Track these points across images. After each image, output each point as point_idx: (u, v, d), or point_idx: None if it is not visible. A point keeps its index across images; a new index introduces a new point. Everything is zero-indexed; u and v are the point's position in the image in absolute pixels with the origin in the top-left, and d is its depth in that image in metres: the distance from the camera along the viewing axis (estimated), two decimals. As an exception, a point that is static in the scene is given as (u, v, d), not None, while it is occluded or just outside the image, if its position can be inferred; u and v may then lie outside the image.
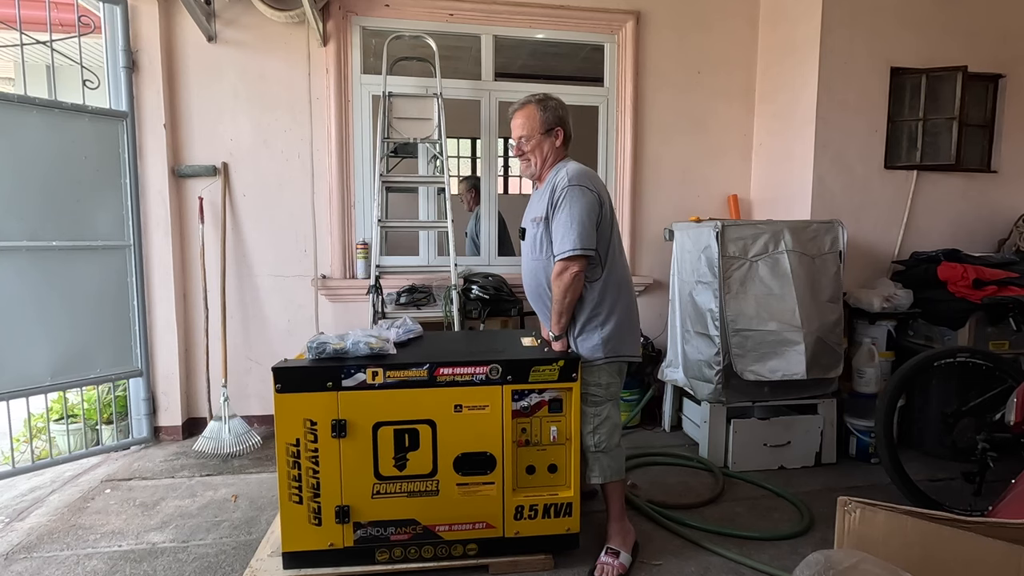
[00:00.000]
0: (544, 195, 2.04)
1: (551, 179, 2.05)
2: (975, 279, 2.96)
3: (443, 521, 1.97)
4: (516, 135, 2.10)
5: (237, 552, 2.16)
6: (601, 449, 2.05)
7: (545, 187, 2.06)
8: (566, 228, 1.92)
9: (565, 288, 1.95)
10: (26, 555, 2.15)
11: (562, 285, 1.95)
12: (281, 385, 1.85)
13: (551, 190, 1.99)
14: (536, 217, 2.06)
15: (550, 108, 2.08)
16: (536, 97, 2.10)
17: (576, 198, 1.94)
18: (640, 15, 3.62)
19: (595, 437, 2.05)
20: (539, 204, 2.07)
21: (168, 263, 3.22)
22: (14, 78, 4.81)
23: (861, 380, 3.05)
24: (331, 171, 3.40)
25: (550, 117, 2.07)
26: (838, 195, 3.33)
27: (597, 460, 2.06)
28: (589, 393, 2.05)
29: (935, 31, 3.34)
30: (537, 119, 2.06)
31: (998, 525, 1.14)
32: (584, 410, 2.04)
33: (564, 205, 1.94)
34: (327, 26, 3.33)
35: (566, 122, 2.10)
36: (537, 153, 2.09)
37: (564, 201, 1.94)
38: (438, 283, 3.36)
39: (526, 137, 2.07)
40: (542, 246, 2.04)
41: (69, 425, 3.06)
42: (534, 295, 2.15)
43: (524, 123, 2.08)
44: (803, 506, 2.47)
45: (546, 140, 2.07)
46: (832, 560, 1.04)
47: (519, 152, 2.12)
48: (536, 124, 2.06)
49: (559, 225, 1.94)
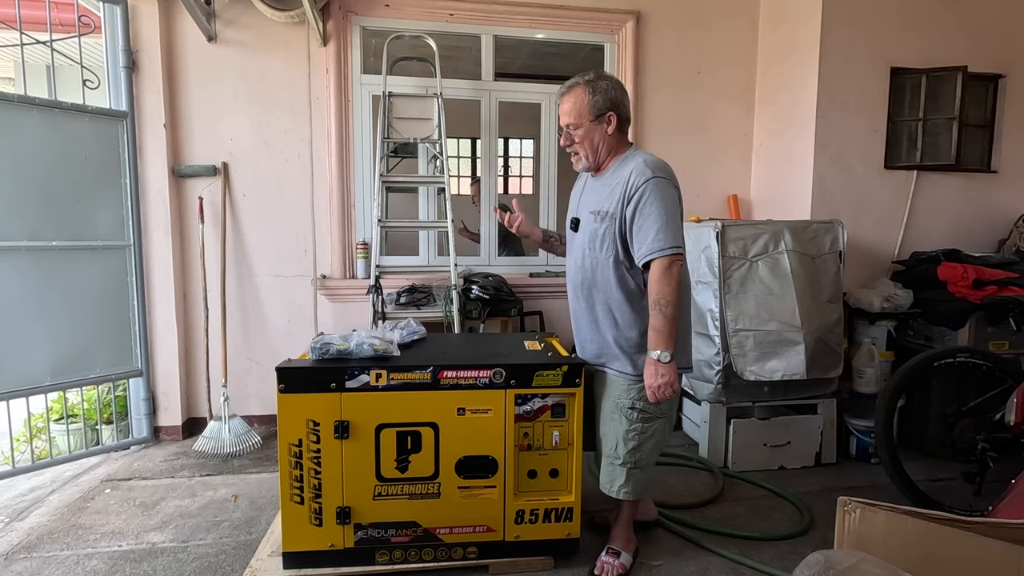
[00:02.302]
0: (611, 187, 1.82)
1: (617, 169, 1.84)
2: (975, 279, 2.96)
3: (444, 524, 1.97)
4: (563, 122, 1.87)
5: (237, 552, 2.16)
6: (639, 466, 1.94)
7: (609, 177, 1.85)
8: (660, 224, 1.72)
9: (677, 285, 1.72)
10: (26, 555, 2.15)
11: (673, 283, 1.71)
12: (284, 385, 1.85)
13: (625, 182, 1.77)
14: (600, 211, 1.84)
15: (600, 91, 1.82)
16: (585, 78, 1.84)
17: (663, 191, 1.74)
18: (640, 15, 3.62)
19: (637, 454, 1.92)
20: (603, 196, 1.84)
21: (168, 263, 3.22)
22: (14, 78, 4.80)
23: (861, 380, 3.05)
24: (331, 171, 3.40)
25: (600, 101, 1.81)
26: (838, 195, 3.33)
27: (632, 476, 1.94)
28: (638, 408, 1.89)
29: (935, 31, 3.34)
30: (585, 104, 1.81)
31: (998, 525, 1.15)
32: (630, 424, 1.90)
33: (650, 199, 1.73)
34: (327, 26, 3.33)
35: (621, 105, 1.84)
36: (587, 144, 1.85)
37: (649, 195, 1.73)
38: (438, 283, 3.35)
39: (573, 125, 1.84)
40: (603, 243, 1.84)
41: (69, 425, 3.06)
42: (581, 290, 1.95)
43: (571, 109, 1.84)
44: (803, 506, 2.47)
45: (596, 128, 1.83)
46: (832, 560, 1.04)
47: (567, 143, 1.88)
48: (584, 110, 1.81)
49: (647, 220, 1.73)
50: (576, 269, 1.96)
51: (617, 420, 1.93)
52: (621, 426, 1.92)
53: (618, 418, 1.92)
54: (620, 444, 1.92)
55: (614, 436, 1.94)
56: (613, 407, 1.95)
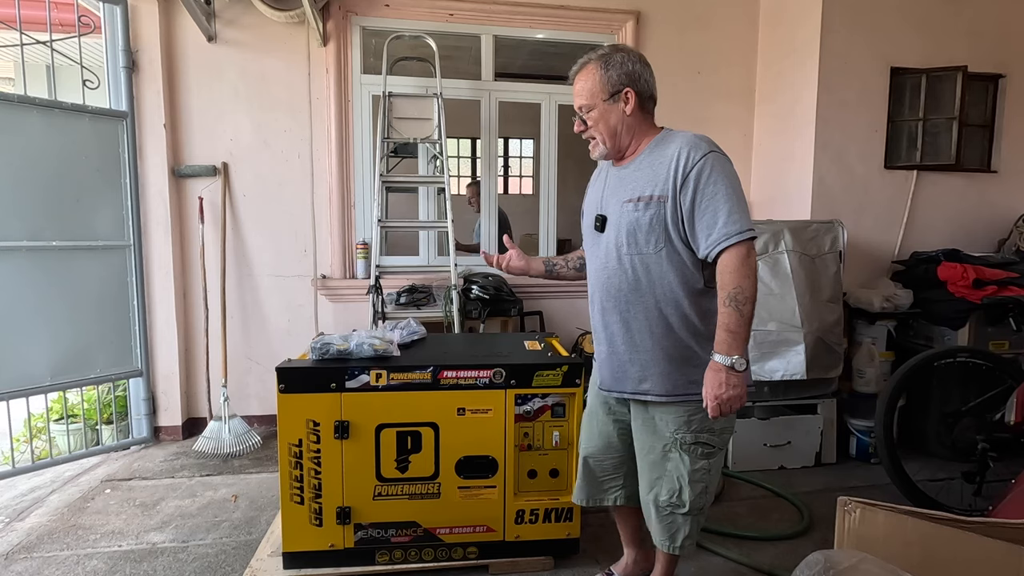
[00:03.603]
0: (653, 168, 1.53)
1: (654, 151, 1.56)
2: (975, 279, 2.96)
3: (444, 524, 1.97)
4: (577, 104, 1.61)
5: (237, 552, 2.16)
6: (703, 511, 1.61)
7: (644, 160, 1.57)
8: (731, 204, 1.42)
9: (756, 278, 1.43)
10: (26, 555, 2.15)
11: (752, 275, 1.42)
12: (285, 385, 1.85)
13: (673, 160, 1.48)
14: (642, 196, 1.51)
15: (614, 64, 1.55)
16: (599, 52, 1.58)
17: (726, 166, 1.47)
18: (640, 15, 3.62)
19: (704, 498, 1.58)
20: (643, 180, 1.53)
21: (168, 263, 3.22)
22: (14, 78, 4.80)
23: (861, 380, 3.05)
24: (331, 171, 3.40)
25: (615, 76, 1.55)
26: (838, 195, 3.33)
27: (696, 523, 1.60)
28: (701, 442, 1.55)
29: (935, 31, 3.34)
30: (598, 82, 1.55)
31: (998, 525, 1.15)
32: (694, 463, 1.55)
33: (713, 176, 1.44)
34: (327, 26, 3.33)
35: (641, 79, 1.58)
36: (602, 127, 1.57)
37: (712, 172, 1.44)
38: (438, 283, 3.35)
39: (586, 107, 1.58)
40: (651, 234, 1.50)
41: (69, 425, 3.06)
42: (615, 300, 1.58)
43: (583, 89, 1.58)
44: (803, 506, 2.47)
45: (612, 109, 1.56)
46: (832, 560, 1.04)
47: (581, 129, 1.62)
48: (597, 88, 1.55)
49: (715, 201, 1.43)
50: (606, 275, 1.59)
51: (676, 460, 1.56)
52: (683, 467, 1.55)
53: (677, 458, 1.56)
54: (685, 490, 1.55)
55: (674, 481, 1.57)
56: (668, 445, 1.57)
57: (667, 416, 1.56)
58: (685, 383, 1.52)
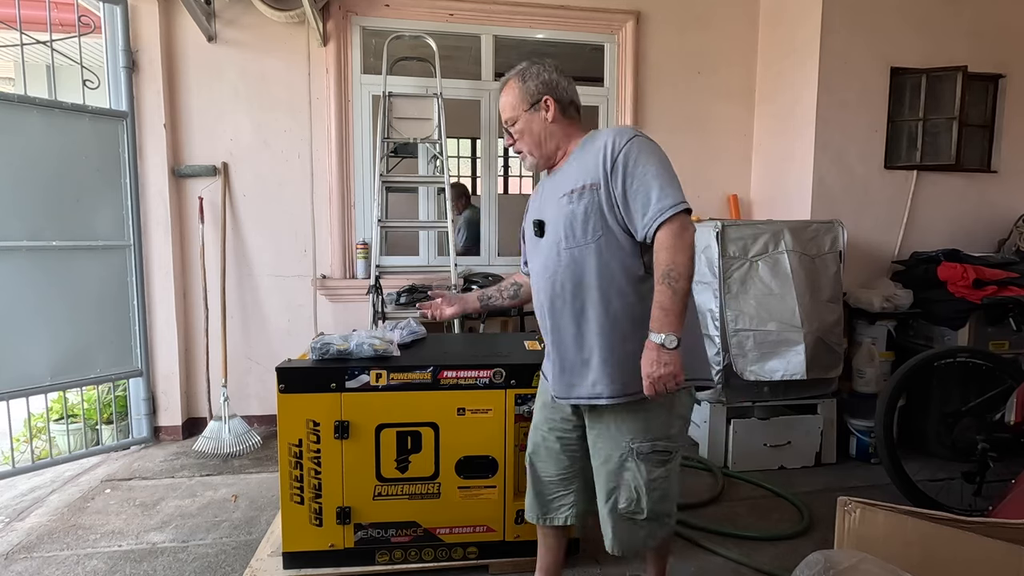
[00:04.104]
0: (582, 162, 1.51)
1: (583, 149, 1.54)
2: (975, 279, 2.96)
3: (444, 524, 1.97)
4: (503, 118, 1.64)
5: (237, 552, 2.16)
6: (668, 512, 1.56)
7: (574, 159, 1.55)
8: (662, 180, 1.40)
9: (692, 252, 1.39)
10: (26, 555, 2.15)
11: (687, 250, 1.37)
12: (284, 385, 1.85)
13: (601, 150, 1.46)
14: (575, 188, 1.49)
15: (531, 76, 1.58)
16: (516, 69, 1.62)
17: (651, 146, 1.47)
18: (640, 15, 3.62)
19: (665, 503, 1.53)
20: (574, 175, 1.52)
21: (168, 263, 3.22)
22: (14, 78, 4.80)
23: (861, 380, 3.05)
24: (331, 171, 3.40)
25: (532, 87, 1.57)
26: (838, 195, 3.33)
27: (658, 523, 1.55)
28: (658, 450, 1.49)
29: (935, 31, 3.34)
30: (518, 94, 1.58)
31: (998, 525, 1.15)
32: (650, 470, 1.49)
33: (641, 157, 1.43)
34: (327, 26, 3.33)
35: (558, 87, 1.58)
36: (528, 138, 1.59)
37: (639, 153, 1.43)
38: (438, 283, 3.35)
39: (510, 120, 1.60)
40: (587, 223, 1.46)
41: (69, 425, 3.06)
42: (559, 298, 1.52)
43: (506, 104, 1.61)
44: (803, 506, 2.47)
45: (534, 118, 1.57)
46: (832, 560, 1.04)
47: (511, 141, 1.63)
48: (517, 101, 1.58)
49: (644, 180, 1.41)
50: (549, 275, 1.54)
51: (633, 471, 1.50)
52: (640, 477, 1.49)
53: (634, 467, 1.49)
54: (643, 498, 1.50)
55: (631, 491, 1.51)
56: (624, 454, 1.50)
57: (622, 424, 1.50)
58: (635, 382, 1.43)
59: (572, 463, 1.64)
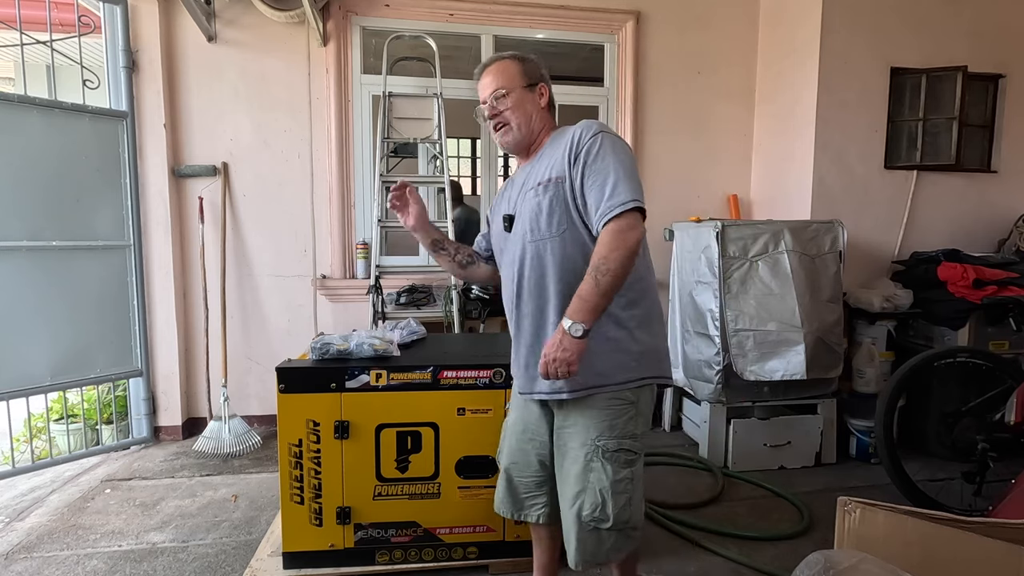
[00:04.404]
0: (551, 156, 1.54)
1: (554, 141, 1.57)
2: (975, 279, 2.96)
3: (444, 524, 1.97)
4: (487, 92, 1.59)
5: (237, 552, 2.16)
6: (633, 523, 1.51)
7: (545, 152, 1.58)
8: (618, 176, 1.41)
9: (630, 253, 1.36)
10: (26, 555, 2.15)
11: (626, 249, 1.36)
12: (285, 385, 1.85)
13: (568, 143, 1.49)
14: (541, 181, 1.51)
15: (530, 63, 1.61)
16: (512, 53, 1.63)
17: (616, 143, 1.48)
18: (640, 15, 3.62)
19: (630, 510, 1.48)
20: (543, 168, 1.54)
21: (168, 263, 3.22)
22: (14, 78, 4.80)
23: (861, 380, 3.05)
24: (331, 171, 3.40)
25: (531, 70, 1.59)
26: (838, 195, 3.33)
27: (623, 535, 1.50)
28: (624, 448, 1.47)
29: (935, 31, 3.34)
30: (517, 71, 1.58)
31: (998, 525, 1.14)
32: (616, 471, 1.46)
33: (602, 152, 1.44)
34: (327, 26, 3.33)
35: (549, 83, 1.64)
36: (519, 113, 1.57)
37: (601, 148, 1.45)
38: (438, 283, 3.36)
39: (505, 90, 1.56)
40: (552, 216, 1.48)
41: (69, 425, 3.06)
42: (526, 290, 1.54)
43: (498, 76, 1.58)
44: (803, 506, 2.47)
45: (529, 97, 1.58)
46: (832, 560, 1.04)
47: (494, 113, 1.58)
48: (516, 75, 1.58)
49: (601, 175, 1.43)
50: (516, 269, 1.55)
51: (599, 471, 1.45)
52: (605, 479, 1.45)
53: (600, 468, 1.45)
54: (608, 503, 1.44)
55: (596, 495, 1.45)
56: (590, 453, 1.46)
57: (589, 421, 1.48)
58: (595, 376, 1.45)
59: (543, 468, 1.62)
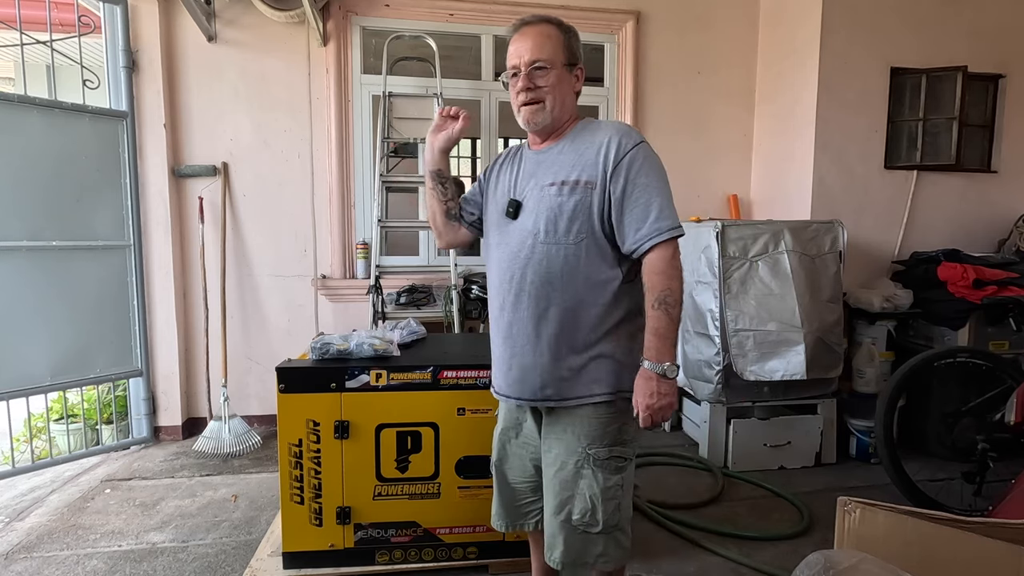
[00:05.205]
0: (579, 152, 1.41)
1: (580, 135, 1.44)
2: (975, 279, 2.96)
3: (444, 524, 1.97)
4: (530, 57, 1.40)
5: (237, 552, 2.16)
6: (622, 527, 1.46)
7: (569, 143, 1.44)
8: (663, 199, 1.35)
9: (682, 280, 1.35)
10: (26, 555, 2.15)
11: (679, 276, 1.35)
12: (284, 385, 1.85)
13: (603, 146, 1.38)
14: (569, 179, 1.38)
15: (574, 36, 1.45)
16: (556, 18, 1.45)
17: (656, 160, 1.39)
18: (640, 15, 3.62)
19: (619, 515, 1.44)
20: (569, 163, 1.41)
21: (168, 263, 3.22)
22: (14, 78, 4.80)
23: (861, 380, 3.05)
24: (331, 171, 3.40)
25: (574, 47, 1.44)
26: (838, 195, 3.33)
27: (613, 540, 1.44)
28: (615, 456, 1.42)
29: (935, 31, 3.34)
30: (561, 44, 1.42)
31: (998, 525, 1.14)
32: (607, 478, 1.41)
33: (645, 169, 1.36)
34: (327, 26, 3.33)
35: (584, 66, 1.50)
36: (556, 94, 1.41)
37: (644, 164, 1.36)
38: (438, 283, 3.36)
39: (548, 65, 1.39)
40: (573, 223, 1.37)
41: (69, 425, 3.06)
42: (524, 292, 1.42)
43: (543, 44, 1.40)
44: (803, 506, 2.47)
45: (567, 78, 1.43)
46: (832, 560, 1.04)
47: (529, 85, 1.41)
48: (559, 50, 1.41)
49: (645, 194, 1.35)
50: (517, 265, 1.43)
51: (589, 478, 1.41)
52: (596, 486, 1.41)
53: (590, 475, 1.41)
54: (599, 509, 1.41)
55: (586, 501, 1.41)
56: (580, 460, 1.41)
57: (579, 428, 1.42)
58: (588, 382, 1.40)
59: (538, 473, 1.55)
